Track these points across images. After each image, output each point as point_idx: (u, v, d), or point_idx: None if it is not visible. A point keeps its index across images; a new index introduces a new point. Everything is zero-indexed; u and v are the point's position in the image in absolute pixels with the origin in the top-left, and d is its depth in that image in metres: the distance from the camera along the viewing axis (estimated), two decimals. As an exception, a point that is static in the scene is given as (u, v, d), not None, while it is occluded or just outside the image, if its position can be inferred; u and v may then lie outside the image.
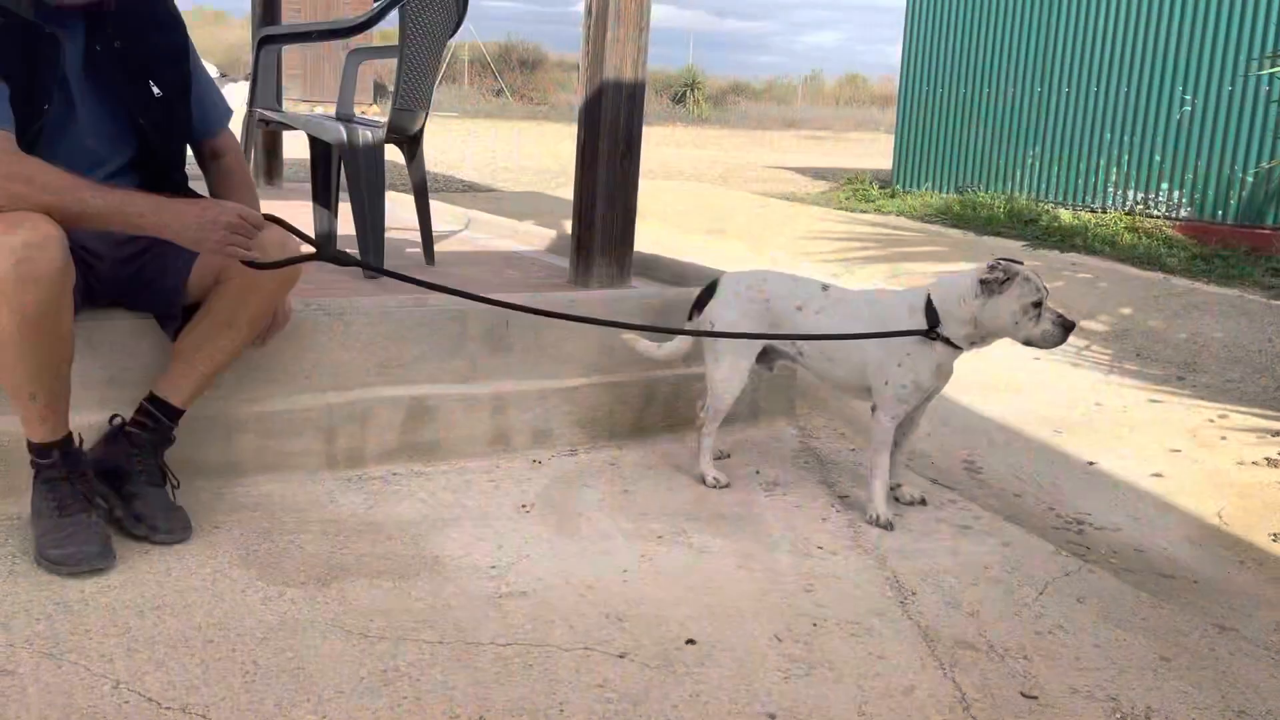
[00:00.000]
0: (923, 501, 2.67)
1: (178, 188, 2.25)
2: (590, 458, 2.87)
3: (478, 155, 14.63)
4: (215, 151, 2.38)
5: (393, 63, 3.22)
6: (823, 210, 8.85)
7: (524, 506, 2.49)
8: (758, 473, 2.83)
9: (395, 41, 3.24)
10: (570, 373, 2.96)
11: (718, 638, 1.94)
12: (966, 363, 2.62)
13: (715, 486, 2.69)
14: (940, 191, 10.92)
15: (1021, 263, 2.47)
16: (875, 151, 20.59)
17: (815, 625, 2.02)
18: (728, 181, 12.50)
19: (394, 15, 3.20)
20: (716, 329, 2.68)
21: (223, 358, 2.26)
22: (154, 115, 2.20)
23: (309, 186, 3.44)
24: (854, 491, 2.74)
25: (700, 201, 8.93)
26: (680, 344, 2.79)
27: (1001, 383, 4.15)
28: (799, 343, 2.65)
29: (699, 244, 7.40)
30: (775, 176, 14.11)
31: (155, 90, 2.20)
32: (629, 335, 2.78)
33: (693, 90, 30.76)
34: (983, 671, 1.89)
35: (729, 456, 2.90)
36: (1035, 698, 1.82)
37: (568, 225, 4.23)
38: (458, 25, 3.54)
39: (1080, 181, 9.71)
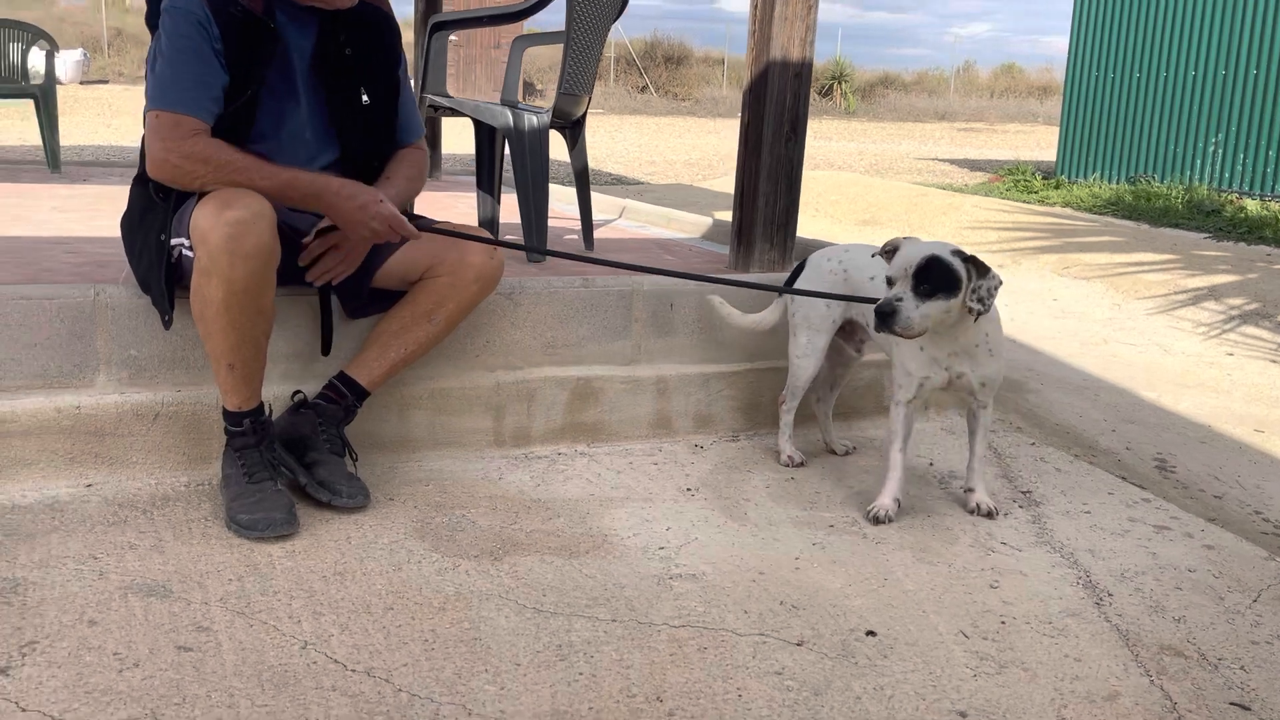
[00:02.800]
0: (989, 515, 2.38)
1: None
2: (753, 444, 2.80)
3: (624, 149, 14.73)
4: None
5: (541, 58, 3.22)
6: (984, 200, 8.50)
7: (688, 490, 2.45)
8: (931, 464, 2.71)
9: (540, 30, 3.24)
10: (733, 357, 2.90)
11: (899, 630, 1.85)
12: (1148, 357, 2.44)
13: (789, 465, 2.63)
14: (1109, 181, 10.35)
15: (966, 250, 2.21)
16: (1032, 143, 19.75)
17: (1003, 623, 1.90)
18: (879, 173, 12.19)
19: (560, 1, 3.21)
20: (797, 308, 2.62)
21: (416, 348, 2.33)
22: (358, 121, 2.28)
23: (466, 179, 3.50)
24: (1036, 487, 2.59)
25: (853, 191, 8.72)
26: (768, 315, 2.71)
27: (1192, 378, 3.87)
28: (869, 316, 2.50)
29: (851, 235, 7.22)
30: (928, 168, 13.69)
31: (364, 97, 2.27)
32: (718, 305, 2.74)
33: (840, 83, 30.16)
34: (1194, 681, 1.74)
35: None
36: (1250, 709, 1.66)
37: (720, 214, 4.15)
38: (621, 9, 3.52)
39: (1270, 170, 9.03)
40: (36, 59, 6.07)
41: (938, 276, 2.13)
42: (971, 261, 2.16)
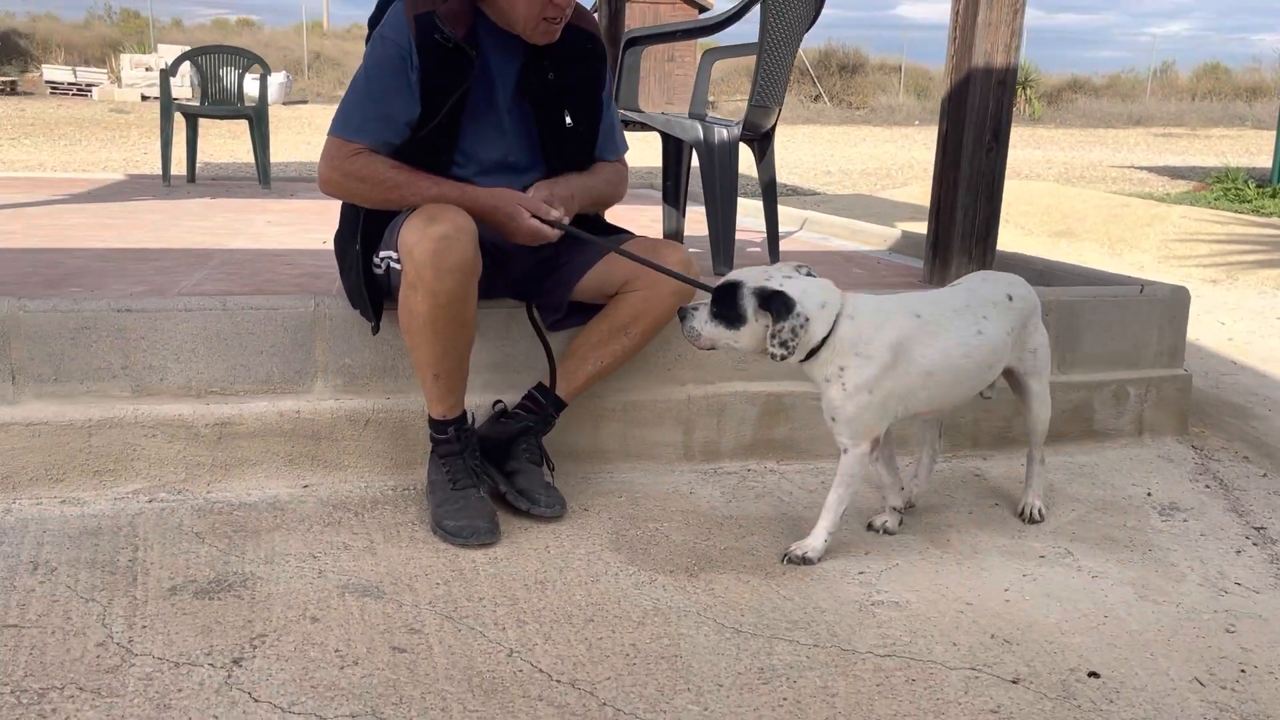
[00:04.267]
0: None
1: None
2: (952, 467, 2.69)
3: (798, 159, 14.58)
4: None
5: (716, 69, 3.19)
6: (1192, 209, 7.94)
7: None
8: (1149, 494, 2.53)
9: (730, 44, 3.22)
10: (931, 375, 2.79)
11: (1125, 674, 1.72)
12: None
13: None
14: (1334, 189, 9.48)
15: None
16: (1241, 148, 18.36)
17: (1243, 671, 1.74)
18: (1070, 182, 11.60)
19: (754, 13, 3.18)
20: None
21: (612, 361, 2.35)
22: (561, 142, 2.32)
23: (641, 191, 3.51)
24: (1272, 523, 2.37)
25: (1044, 201, 8.31)
26: None
27: None
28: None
29: (1045, 247, 6.88)
30: (1124, 176, 12.93)
31: (568, 120, 2.31)
32: None
33: (1025, 88, 28.93)
34: None
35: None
36: None
37: (904, 226, 4.01)
38: (814, 20, 3.47)
39: None
40: (250, 83, 6.53)
41: (722, 304, 2.02)
42: (773, 300, 1.96)
